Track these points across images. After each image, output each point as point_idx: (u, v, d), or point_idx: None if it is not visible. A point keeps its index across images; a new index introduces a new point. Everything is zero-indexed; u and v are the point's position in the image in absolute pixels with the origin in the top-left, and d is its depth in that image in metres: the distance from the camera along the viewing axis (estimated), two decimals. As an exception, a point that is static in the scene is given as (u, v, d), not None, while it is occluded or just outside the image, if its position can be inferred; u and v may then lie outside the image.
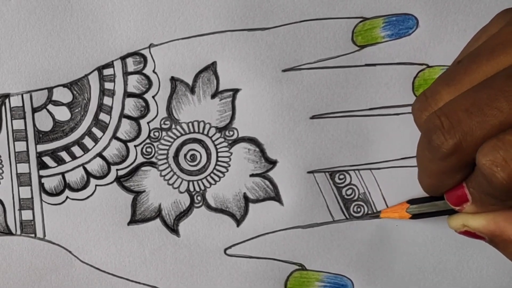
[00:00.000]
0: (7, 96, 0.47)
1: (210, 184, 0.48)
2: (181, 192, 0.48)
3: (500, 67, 0.37)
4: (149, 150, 0.48)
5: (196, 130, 0.48)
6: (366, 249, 0.48)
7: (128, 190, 0.48)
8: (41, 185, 0.48)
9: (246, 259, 0.48)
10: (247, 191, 0.48)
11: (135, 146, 0.48)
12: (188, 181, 0.48)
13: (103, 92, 0.47)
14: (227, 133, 0.48)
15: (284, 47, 0.47)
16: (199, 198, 0.48)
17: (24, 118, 0.47)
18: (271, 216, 0.48)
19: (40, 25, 0.47)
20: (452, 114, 0.37)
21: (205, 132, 0.48)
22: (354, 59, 0.47)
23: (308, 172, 0.48)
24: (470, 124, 0.36)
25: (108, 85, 0.47)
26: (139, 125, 0.48)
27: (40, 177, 0.48)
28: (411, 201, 0.45)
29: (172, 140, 0.48)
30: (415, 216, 0.45)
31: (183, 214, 0.48)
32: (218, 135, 0.48)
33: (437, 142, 0.37)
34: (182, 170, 0.48)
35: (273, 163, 0.48)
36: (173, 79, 0.47)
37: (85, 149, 0.48)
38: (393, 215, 0.46)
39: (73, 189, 0.48)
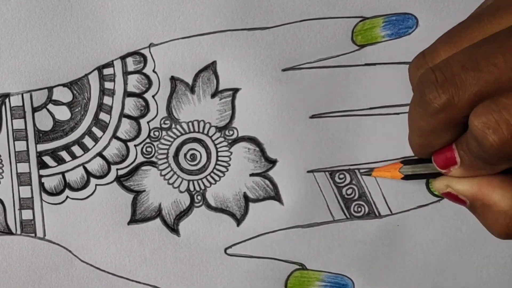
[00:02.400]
0: (7, 95, 0.47)
1: (210, 183, 0.48)
2: (181, 192, 0.48)
3: (502, 27, 0.36)
4: (149, 149, 0.48)
5: (196, 130, 0.48)
6: (367, 249, 0.48)
7: (128, 189, 0.48)
8: (41, 184, 0.48)
9: (247, 259, 0.48)
10: (247, 191, 0.48)
11: (135, 145, 0.48)
12: (188, 181, 0.48)
13: (103, 91, 0.47)
14: (227, 132, 0.48)
15: (284, 47, 0.47)
16: (199, 197, 0.48)
17: (24, 117, 0.47)
18: (271, 216, 0.48)
19: (40, 24, 0.47)
20: (447, 68, 0.36)
21: (205, 132, 0.48)
22: (354, 58, 0.47)
23: (308, 172, 0.48)
24: (464, 79, 0.35)
25: (108, 85, 0.47)
26: (139, 124, 0.48)
27: (40, 176, 0.48)
28: (405, 162, 0.44)
29: (172, 139, 0.48)
30: (407, 177, 0.44)
31: (183, 213, 0.48)
32: (218, 134, 0.48)
33: (430, 96, 0.36)
34: (182, 169, 0.48)
35: (273, 162, 0.48)
36: (173, 79, 0.47)
37: (85, 149, 0.48)
38: (385, 174, 0.45)
39: (73, 189, 0.48)
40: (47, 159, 0.48)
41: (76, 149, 0.48)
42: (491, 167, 0.38)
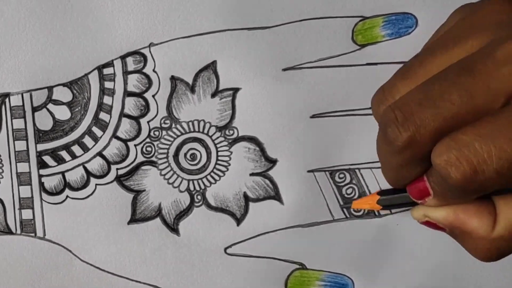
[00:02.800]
0: (7, 95, 0.47)
1: (210, 183, 0.48)
2: (181, 191, 0.48)
3: (453, 60, 0.37)
4: (149, 149, 0.48)
5: (196, 129, 0.48)
6: (367, 249, 0.48)
7: (128, 189, 0.48)
8: (41, 184, 0.48)
9: (247, 258, 0.48)
10: (247, 190, 0.48)
11: (135, 145, 0.48)
12: (188, 180, 0.48)
13: (103, 91, 0.47)
14: (227, 132, 0.48)
15: (284, 46, 0.47)
16: (199, 197, 0.48)
17: (24, 117, 0.47)
18: (271, 215, 0.48)
19: (40, 24, 0.47)
20: (405, 107, 0.36)
21: (205, 131, 0.48)
22: (354, 58, 0.47)
23: (308, 171, 0.48)
24: (423, 117, 0.36)
25: (108, 84, 0.47)
26: (139, 124, 0.48)
27: (40, 176, 0.48)
28: (382, 192, 0.44)
29: (172, 139, 0.48)
30: (385, 207, 0.44)
31: (183, 213, 0.48)
32: (218, 134, 0.48)
33: (392, 135, 0.37)
34: (182, 169, 0.48)
35: (273, 162, 0.48)
36: (173, 78, 0.47)
37: (85, 148, 0.48)
38: (364, 205, 0.45)
39: (73, 188, 0.48)
40: (47, 158, 0.48)
41: (76, 149, 0.48)
42: (462, 199, 0.38)
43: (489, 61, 0.35)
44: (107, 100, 0.47)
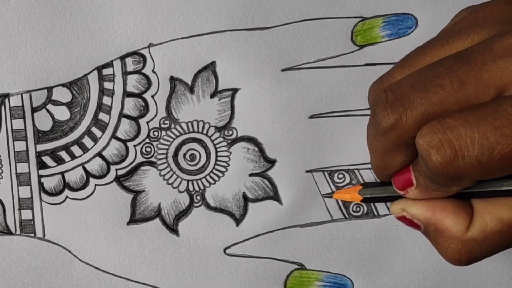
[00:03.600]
0: (6, 95, 0.47)
1: (210, 183, 0.48)
2: (180, 192, 0.48)
3: (453, 52, 0.37)
4: (148, 149, 0.48)
5: (196, 130, 0.48)
6: (366, 249, 0.48)
7: (127, 189, 0.48)
8: (41, 184, 0.48)
9: (246, 259, 0.48)
10: (246, 191, 0.48)
11: (134, 145, 0.48)
12: (188, 181, 0.48)
13: (102, 91, 0.47)
14: (226, 132, 0.48)
15: (284, 47, 0.47)
16: (198, 197, 0.48)
17: (24, 117, 0.47)
18: (270, 216, 0.48)
19: (40, 24, 0.47)
20: (398, 89, 0.37)
21: (204, 132, 0.48)
22: (353, 58, 0.47)
23: (307, 172, 0.48)
24: (412, 100, 0.36)
25: (107, 85, 0.47)
26: (138, 124, 0.48)
27: (39, 176, 0.48)
28: (365, 185, 0.44)
29: (171, 139, 0.48)
30: (366, 200, 0.44)
31: (183, 213, 0.48)
32: (217, 134, 0.48)
33: (379, 116, 0.37)
34: (181, 169, 0.48)
35: (272, 162, 0.48)
36: (172, 79, 0.47)
37: (85, 149, 0.48)
38: (345, 196, 0.45)
39: (72, 189, 0.48)
40: (46, 159, 0.48)
41: (75, 149, 0.48)
42: (443, 188, 0.38)
43: (486, 52, 0.35)
44: (106, 100, 0.47)
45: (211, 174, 0.48)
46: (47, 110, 0.47)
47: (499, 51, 0.35)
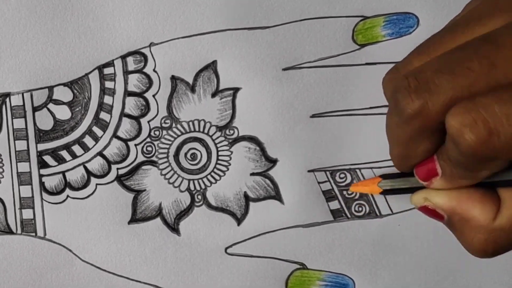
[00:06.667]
0: (7, 95, 0.47)
1: (211, 183, 0.48)
2: (181, 191, 0.48)
3: (475, 36, 0.36)
4: (149, 149, 0.48)
5: (197, 129, 0.48)
6: (368, 249, 0.48)
7: (128, 189, 0.48)
8: (42, 184, 0.48)
9: (247, 258, 0.48)
10: (248, 190, 0.48)
11: (135, 145, 0.48)
12: (189, 180, 0.48)
13: (103, 91, 0.47)
14: (227, 132, 0.48)
15: (285, 46, 0.47)
16: (199, 197, 0.48)
17: (25, 117, 0.47)
18: (272, 215, 0.48)
19: (41, 24, 0.47)
20: (420, 74, 0.35)
21: (206, 131, 0.48)
22: (354, 57, 0.47)
23: (309, 171, 0.48)
24: (438, 84, 0.35)
25: (108, 84, 0.47)
26: (139, 124, 0.48)
27: (40, 176, 0.48)
28: (384, 176, 0.43)
29: (172, 139, 0.48)
30: (386, 192, 0.43)
31: (184, 213, 0.48)
32: (218, 134, 0.48)
33: (403, 102, 0.35)
34: (182, 169, 0.48)
35: (273, 162, 0.48)
36: (173, 78, 0.47)
37: (86, 148, 0.48)
38: (363, 189, 0.44)
39: (73, 188, 0.48)
40: (47, 158, 0.48)
41: (76, 149, 0.48)
42: (471, 174, 0.37)
43: None
44: (107, 99, 0.47)
45: (212, 174, 0.48)
46: (48, 109, 0.47)
47: None
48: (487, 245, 0.38)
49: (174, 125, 0.48)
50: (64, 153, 0.48)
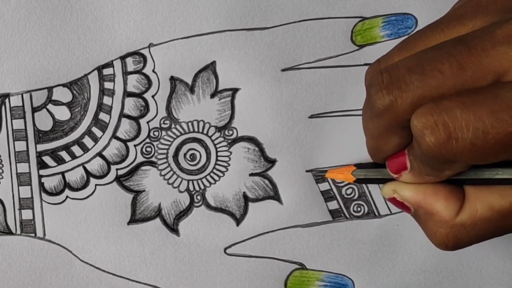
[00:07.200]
0: (7, 95, 0.47)
1: (210, 183, 0.48)
2: (180, 192, 0.48)
3: (453, 36, 0.37)
4: (148, 149, 0.48)
5: (196, 130, 0.48)
6: (367, 249, 0.48)
7: (128, 189, 0.48)
8: (41, 184, 0.48)
9: (246, 258, 0.48)
10: (247, 190, 0.48)
11: (135, 145, 0.48)
12: (188, 181, 0.48)
13: (102, 91, 0.47)
14: (226, 132, 0.48)
15: (283, 47, 0.47)
16: (198, 197, 0.48)
17: (24, 117, 0.47)
18: (271, 215, 0.48)
19: (40, 24, 0.47)
20: (394, 71, 0.36)
21: (205, 132, 0.48)
22: (353, 58, 0.47)
23: (307, 171, 0.48)
24: (408, 82, 0.36)
25: (107, 85, 0.47)
26: (138, 124, 0.48)
27: (40, 176, 0.48)
28: (358, 165, 0.44)
29: (171, 139, 0.48)
30: (359, 180, 0.44)
31: (183, 213, 0.48)
32: (217, 134, 0.48)
33: (374, 97, 0.37)
34: (181, 169, 0.48)
35: (272, 162, 0.48)
36: (172, 79, 0.47)
37: (85, 149, 0.48)
38: (338, 175, 0.45)
39: (73, 189, 0.48)
40: (47, 159, 0.48)
41: (76, 149, 0.48)
42: (435, 172, 0.38)
43: (487, 38, 0.35)
44: (106, 100, 0.47)
45: (212, 174, 0.48)
46: (48, 110, 0.47)
47: (500, 37, 0.35)
48: (448, 239, 0.39)
49: (173, 125, 0.48)
50: (64, 154, 0.48)
